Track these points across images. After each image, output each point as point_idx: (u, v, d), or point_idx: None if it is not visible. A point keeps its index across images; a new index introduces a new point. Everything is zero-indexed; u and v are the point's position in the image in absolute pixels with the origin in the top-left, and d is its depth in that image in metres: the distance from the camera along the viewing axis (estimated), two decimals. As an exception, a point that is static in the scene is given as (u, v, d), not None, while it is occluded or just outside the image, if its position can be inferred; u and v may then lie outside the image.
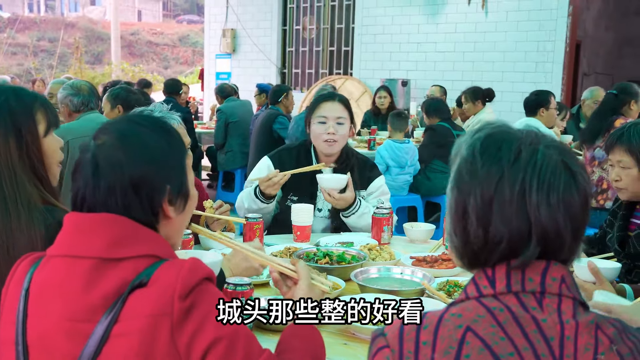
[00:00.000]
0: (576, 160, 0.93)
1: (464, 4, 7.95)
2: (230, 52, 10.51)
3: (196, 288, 1.00)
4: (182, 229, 1.17)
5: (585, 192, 0.91)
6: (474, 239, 0.92)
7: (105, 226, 1.03)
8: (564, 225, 0.89)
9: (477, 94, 5.79)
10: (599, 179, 3.93)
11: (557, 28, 7.41)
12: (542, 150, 0.91)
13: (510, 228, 0.89)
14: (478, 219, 0.91)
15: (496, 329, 0.86)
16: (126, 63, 22.94)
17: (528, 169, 0.89)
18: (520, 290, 0.89)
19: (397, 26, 8.66)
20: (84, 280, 1.00)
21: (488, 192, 0.90)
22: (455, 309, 0.90)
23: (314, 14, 9.79)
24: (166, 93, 7.42)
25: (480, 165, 0.92)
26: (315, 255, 2.04)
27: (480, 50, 7.98)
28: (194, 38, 31.48)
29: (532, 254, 0.89)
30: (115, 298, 0.98)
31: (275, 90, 6.23)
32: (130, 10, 37.71)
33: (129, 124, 1.12)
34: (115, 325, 0.97)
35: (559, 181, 0.89)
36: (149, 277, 0.99)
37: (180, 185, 1.11)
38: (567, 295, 0.90)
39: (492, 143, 0.93)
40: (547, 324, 0.87)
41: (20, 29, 28.17)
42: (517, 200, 0.89)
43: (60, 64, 23.77)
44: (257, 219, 2.27)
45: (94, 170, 1.06)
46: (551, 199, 0.88)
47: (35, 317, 1.03)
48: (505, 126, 0.96)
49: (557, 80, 7.47)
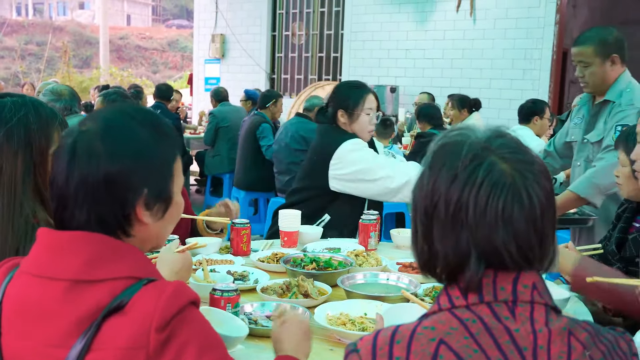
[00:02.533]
0: (530, 172, 0.90)
1: (453, 12, 8.00)
2: (220, 57, 10.51)
3: (176, 317, 0.93)
4: (162, 236, 1.08)
5: (533, 207, 0.88)
6: (421, 253, 0.95)
7: (80, 245, 0.97)
8: (503, 243, 0.87)
9: (463, 103, 5.83)
10: None
11: (544, 36, 7.48)
12: (487, 163, 0.88)
13: (446, 246, 0.90)
14: (423, 234, 0.93)
15: (469, 341, 0.85)
16: (115, 67, 22.87)
17: (466, 187, 0.88)
18: (492, 300, 0.88)
19: (386, 33, 8.70)
20: (57, 304, 0.94)
21: (429, 209, 0.91)
22: (428, 322, 0.89)
23: (303, 20, 9.81)
24: (156, 98, 7.40)
25: (427, 181, 0.92)
26: (302, 261, 2.04)
27: (468, 57, 8.03)
28: (183, 43, 31.45)
29: (475, 271, 0.88)
30: (89, 323, 0.92)
31: (266, 95, 6.21)
32: (119, 14, 37.60)
33: (119, 114, 1.04)
34: (88, 354, 0.91)
35: (498, 198, 0.87)
36: (127, 300, 0.92)
37: (161, 189, 1.02)
38: (539, 302, 0.89)
39: (440, 157, 0.92)
40: (520, 334, 0.86)
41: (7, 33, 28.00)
42: (452, 220, 0.88)
43: (48, 67, 23.64)
44: (245, 224, 2.27)
45: (70, 158, 0.99)
46: (488, 217, 0.87)
47: (11, 336, 0.98)
48: (460, 135, 0.94)
49: (544, 87, 7.53)
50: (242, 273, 1.99)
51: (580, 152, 2.90)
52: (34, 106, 1.42)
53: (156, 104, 7.29)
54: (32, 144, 1.38)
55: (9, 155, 1.36)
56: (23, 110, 1.40)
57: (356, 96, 2.74)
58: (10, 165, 1.36)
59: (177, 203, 1.07)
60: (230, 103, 7.13)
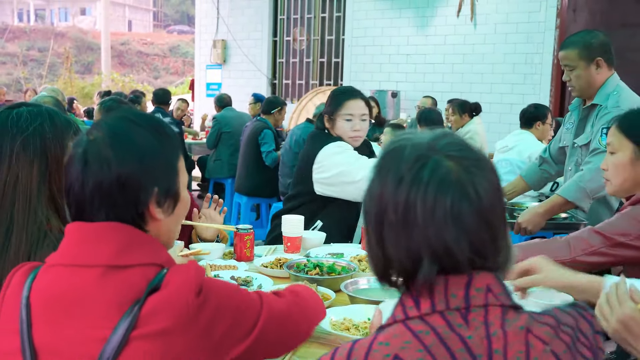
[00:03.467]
0: (476, 168, 0.90)
1: (453, 17, 8.03)
2: (221, 62, 10.53)
3: (204, 284, 1.03)
4: (172, 231, 1.16)
5: (481, 202, 0.88)
6: (376, 260, 0.95)
7: (110, 234, 1.04)
8: (454, 240, 0.86)
9: (464, 108, 5.85)
10: None
11: (544, 40, 7.50)
12: (432, 162, 0.88)
13: (398, 250, 0.90)
14: (376, 240, 0.93)
15: (423, 354, 0.84)
16: (116, 73, 22.92)
17: (412, 188, 0.87)
18: (444, 308, 0.87)
19: (386, 38, 8.72)
20: (95, 288, 1.01)
21: (379, 214, 0.91)
22: (383, 337, 0.88)
23: (305, 25, 9.84)
24: (155, 103, 7.41)
25: (375, 188, 0.93)
26: (306, 267, 2.05)
27: (469, 62, 8.05)
28: (184, 48, 31.51)
29: (428, 272, 0.87)
30: (130, 303, 0.99)
31: (271, 101, 6.23)
32: (121, 20, 37.69)
33: (122, 121, 1.10)
34: (135, 329, 0.97)
35: (445, 197, 0.86)
36: (161, 282, 1.01)
37: (169, 187, 1.10)
38: (494, 304, 0.88)
39: (385, 163, 0.93)
40: (474, 341, 0.85)
41: (9, 39, 28.08)
42: (402, 222, 0.88)
43: (50, 73, 23.70)
44: (248, 230, 2.28)
45: (83, 166, 1.05)
46: (437, 215, 0.86)
47: (43, 325, 1.02)
48: (403, 139, 0.94)
49: (545, 91, 7.55)
50: (246, 278, 2.00)
51: (571, 157, 2.92)
52: (49, 115, 1.45)
53: (156, 109, 7.31)
54: (48, 153, 1.40)
55: (25, 164, 1.38)
56: (39, 119, 1.42)
57: (336, 102, 2.76)
58: (26, 173, 1.38)
59: (184, 198, 1.15)
60: (234, 109, 7.16)
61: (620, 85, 2.77)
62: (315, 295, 1.37)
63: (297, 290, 1.32)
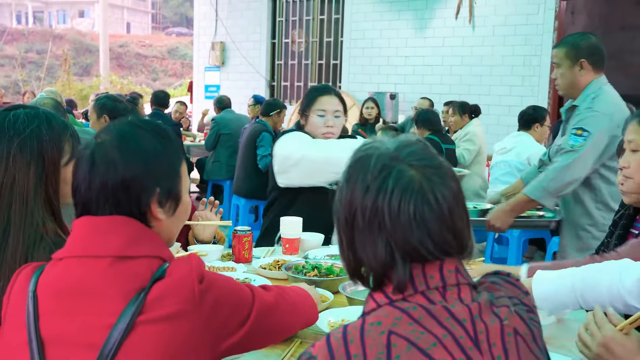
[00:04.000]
0: (436, 176, 0.96)
1: (452, 19, 8.03)
2: (220, 64, 10.54)
3: (205, 274, 1.09)
4: (173, 233, 1.21)
5: (440, 206, 0.95)
6: (348, 262, 1.02)
7: (119, 227, 1.09)
8: (419, 241, 0.94)
9: (464, 109, 5.88)
10: None
11: (543, 43, 7.51)
12: (396, 171, 0.95)
13: (367, 253, 0.97)
14: (347, 244, 1.00)
15: (415, 326, 0.92)
16: (115, 75, 22.93)
17: (379, 195, 0.95)
18: (425, 289, 0.95)
19: (385, 40, 8.73)
20: (103, 277, 1.05)
21: (349, 219, 0.98)
22: (372, 318, 0.94)
23: (303, 27, 9.85)
24: (154, 105, 7.41)
25: (344, 194, 0.99)
26: (304, 268, 2.05)
27: (467, 64, 8.06)
28: (182, 50, 31.54)
29: (402, 271, 0.94)
30: (135, 292, 1.03)
31: (270, 103, 6.23)
32: (119, 22, 37.71)
33: (129, 126, 1.16)
34: (141, 315, 1.01)
35: (409, 201, 0.94)
36: (164, 272, 1.06)
37: (171, 189, 1.15)
38: (463, 282, 0.97)
39: (354, 171, 0.99)
40: (456, 309, 0.94)
41: (8, 41, 28.08)
42: (370, 227, 0.95)
43: (48, 75, 23.71)
44: (246, 231, 2.28)
45: (90, 167, 1.11)
46: (402, 221, 0.94)
47: (50, 316, 1.05)
48: (369, 148, 1.00)
49: (543, 93, 7.56)
50: (244, 280, 2.00)
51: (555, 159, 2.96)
52: (46, 118, 1.45)
53: (154, 112, 7.31)
54: (45, 155, 1.41)
55: (22, 165, 1.39)
56: (36, 122, 1.43)
57: (309, 97, 2.75)
58: (23, 175, 1.38)
59: (185, 202, 1.20)
60: (233, 111, 7.17)
61: (603, 89, 2.75)
62: (302, 291, 1.40)
63: (283, 286, 1.37)
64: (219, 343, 1.09)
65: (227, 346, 1.11)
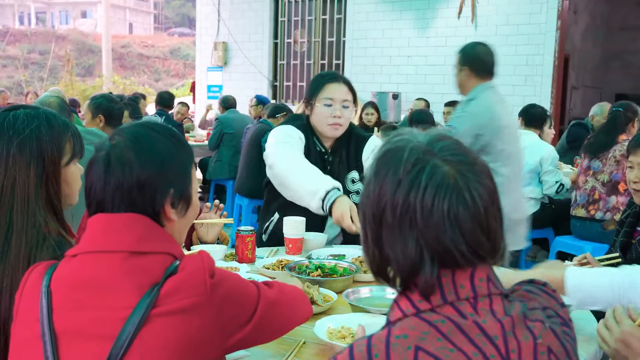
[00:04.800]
0: (472, 173, 0.92)
1: (454, 18, 8.03)
2: (222, 65, 10.54)
3: (215, 269, 1.11)
4: (182, 233, 1.24)
5: (476, 204, 0.90)
6: (373, 259, 0.96)
7: (134, 224, 1.11)
8: (452, 242, 0.88)
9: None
10: (592, 189, 3.97)
11: (545, 42, 7.50)
12: (430, 166, 0.90)
13: (396, 250, 0.91)
14: (373, 240, 0.95)
15: (444, 342, 0.86)
16: (117, 76, 22.95)
17: (411, 191, 0.89)
18: (455, 299, 0.90)
19: (387, 40, 8.73)
20: (117, 271, 1.06)
21: (377, 215, 0.92)
22: (398, 330, 0.89)
23: (305, 27, 9.85)
24: (158, 106, 7.43)
25: (373, 188, 0.94)
26: (307, 268, 2.05)
27: (470, 64, 8.05)
28: (185, 51, 31.56)
29: (430, 273, 0.89)
30: (149, 286, 1.05)
31: (277, 106, 6.27)
32: (122, 22, 37.75)
33: (142, 129, 1.19)
34: (155, 308, 1.03)
35: (443, 199, 0.88)
36: (177, 268, 1.08)
37: (183, 190, 1.18)
38: (495, 292, 0.92)
39: (383, 164, 0.94)
40: (488, 325, 0.89)
41: (10, 42, 28.12)
42: (400, 223, 0.90)
43: (50, 76, 23.74)
44: (249, 231, 2.28)
45: (105, 168, 1.13)
46: (435, 218, 0.88)
47: (63, 309, 1.07)
48: (402, 140, 0.95)
49: (546, 93, 7.55)
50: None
51: None
52: (46, 118, 1.44)
53: (159, 112, 7.33)
54: (44, 155, 1.40)
55: (22, 166, 1.38)
56: (36, 122, 1.42)
57: (315, 85, 2.53)
58: (23, 176, 1.38)
59: (194, 203, 1.23)
60: (237, 111, 7.18)
61: (482, 94, 3.01)
62: (296, 289, 1.42)
63: (279, 283, 1.37)
64: (228, 337, 1.11)
65: (235, 340, 1.12)
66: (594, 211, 3.95)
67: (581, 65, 10.65)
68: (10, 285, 1.30)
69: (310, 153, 2.52)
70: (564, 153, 5.53)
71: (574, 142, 5.68)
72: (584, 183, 4.03)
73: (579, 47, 10.40)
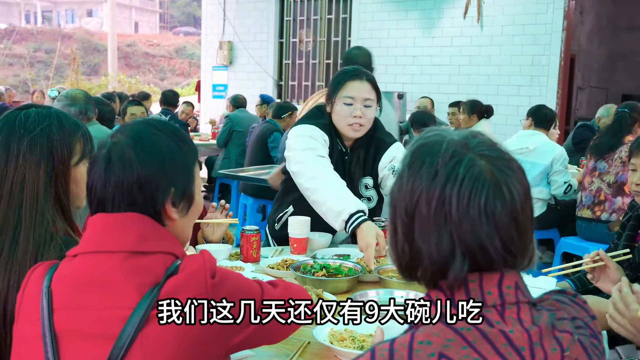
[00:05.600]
0: (508, 169, 0.91)
1: (460, 18, 8.01)
2: (227, 64, 10.55)
3: (217, 270, 1.10)
4: (186, 232, 1.22)
5: (514, 201, 0.89)
6: (402, 254, 0.94)
7: (134, 223, 1.10)
8: (488, 237, 0.87)
9: (474, 108, 5.80)
10: (597, 190, 3.96)
11: (551, 42, 7.48)
12: (467, 160, 0.89)
13: (429, 244, 0.89)
14: (404, 234, 0.92)
15: (468, 350, 0.85)
16: (123, 74, 23.00)
17: (448, 183, 0.88)
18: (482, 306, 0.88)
19: (393, 39, 8.72)
20: (117, 271, 1.06)
21: (410, 208, 0.90)
22: (422, 336, 0.87)
23: (311, 27, 9.85)
24: (163, 105, 7.44)
25: (406, 181, 0.92)
26: (312, 268, 2.05)
27: (475, 64, 8.04)
28: (190, 50, 31.60)
29: (460, 269, 0.87)
30: (150, 286, 1.04)
31: (282, 106, 6.25)
32: (127, 21, 37.82)
33: (145, 126, 1.18)
34: (154, 309, 1.02)
35: (480, 193, 0.87)
36: (178, 268, 1.07)
37: (185, 189, 1.17)
38: (523, 301, 0.90)
39: (419, 156, 0.92)
40: (515, 335, 0.86)
41: (17, 40, 28.21)
42: (435, 217, 0.88)
43: (56, 75, 23.81)
44: (254, 231, 2.28)
45: (106, 166, 1.12)
46: (471, 213, 0.87)
47: (64, 309, 1.06)
48: (438, 135, 0.94)
49: (552, 93, 7.53)
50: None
51: None
52: (57, 117, 1.45)
53: (163, 111, 7.34)
54: (55, 154, 1.41)
55: (32, 164, 1.39)
56: (47, 121, 1.43)
57: (335, 82, 2.41)
58: (33, 174, 1.38)
59: (197, 202, 1.21)
60: (247, 111, 7.21)
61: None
62: (302, 289, 1.39)
63: (285, 282, 1.35)
64: (230, 338, 1.10)
65: (237, 341, 1.11)
66: (599, 212, 3.94)
67: (587, 66, 10.62)
68: (17, 282, 1.30)
69: (332, 153, 2.44)
70: (570, 154, 5.52)
71: (579, 143, 5.67)
72: (589, 184, 4.02)
73: (585, 48, 10.37)
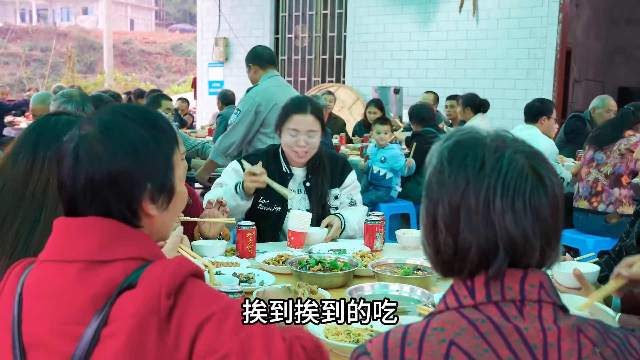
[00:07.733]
0: (545, 164, 0.93)
1: (455, 12, 8.00)
2: (223, 60, 10.53)
3: (182, 286, 0.97)
4: (168, 225, 1.13)
5: (555, 195, 0.91)
6: (444, 247, 0.93)
7: (93, 229, 1.01)
8: (531, 230, 0.89)
9: (469, 102, 5.79)
10: (594, 181, 3.96)
11: (547, 35, 7.47)
12: (508, 155, 0.91)
13: (477, 236, 0.89)
14: (447, 228, 0.92)
15: (479, 341, 0.85)
16: (119, 72, 22.95)
17: (493, 175, 0.89)
18: (500, 299, 0.89)
19: (389, 34, 8.70)
20: (73, 284, 0.98)
21: (455, 200, 0.90)
22: (437, 323, 0.89)
23: (306, 22, 9.83)
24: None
25: (448, 174, 0.92)
26: (308, 262, 2.04)
27: (471, 58, 8.03)
28: (186, 47, 31.53)
29: (502, 261, 0.88)
30: (105, 300, 0.96)
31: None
32: (123, 19, 37.72)
33: (113, 115, 1.07)
34: (105, 327, 0.94)
35: (524, 186, 0.89)
36: (137, 279, 0.97)
37: (164, 182, 1.06)
38: (547, 300, 0.89)
39: (459, 150, 0.93)
40: (530, 333, 0.86)
41: (12, 39, 28.11)
42: (483, 209, 0.89)
43: (52, 73, 23.75)
44: (250, 226, 2.27)
45: (74, 162, 1.03)
46: (516, 204, 0.88)
47: (30, 320, 1.01)
48: (474, 132, 0.96)
49: (548, 87, 7.53)
50: (248, 275, 1.99)
51: None
52: None
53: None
54: None
55: (57, 170, 1.38)
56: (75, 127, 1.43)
57: (282, 114, 2.67)
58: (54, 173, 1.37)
59: (180, 193, 1.12)
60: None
61: (263, 82, 3.96)
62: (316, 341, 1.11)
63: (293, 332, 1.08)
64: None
65: None
66: (596, 203, 3.94)
67: (584, 59, 10.61)
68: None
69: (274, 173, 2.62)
70: (562, 146, 5.52)
71: (571, 133, 5.66)
72: (586, 175, 4.02)
73: (581, 41, 10.36)
